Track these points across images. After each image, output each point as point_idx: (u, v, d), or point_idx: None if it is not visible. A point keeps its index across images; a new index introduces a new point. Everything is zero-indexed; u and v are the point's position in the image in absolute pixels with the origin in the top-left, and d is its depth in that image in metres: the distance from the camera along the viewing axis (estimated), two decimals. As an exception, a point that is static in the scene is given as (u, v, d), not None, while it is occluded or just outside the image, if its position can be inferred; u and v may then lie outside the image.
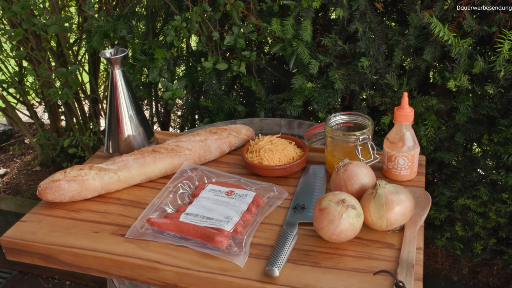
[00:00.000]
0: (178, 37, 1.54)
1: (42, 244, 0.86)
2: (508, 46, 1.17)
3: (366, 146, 0.99)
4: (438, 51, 1.32)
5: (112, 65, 1.10)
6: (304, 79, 1.45)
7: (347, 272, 0.77)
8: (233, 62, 1.54)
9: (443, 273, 1.83)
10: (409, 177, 0.99)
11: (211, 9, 1.55)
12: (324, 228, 0.80)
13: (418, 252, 0.80)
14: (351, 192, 0.87)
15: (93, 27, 1.58)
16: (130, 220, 0.91)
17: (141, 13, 1.80)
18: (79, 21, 2.25)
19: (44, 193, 0.94)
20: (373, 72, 1.40)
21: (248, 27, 1.48)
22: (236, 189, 0.96)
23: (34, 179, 2.47)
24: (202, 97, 1.71)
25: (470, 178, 1.51)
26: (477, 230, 1.55)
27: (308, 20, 1.38)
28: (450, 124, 1.43)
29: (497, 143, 1.38)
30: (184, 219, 0.87)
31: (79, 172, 0.97)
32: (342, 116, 1.04)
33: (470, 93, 1.37)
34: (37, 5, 1.63)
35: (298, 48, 1.41)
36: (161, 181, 1.03)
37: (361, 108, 1.50)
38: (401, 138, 0.97)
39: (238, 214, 0.88)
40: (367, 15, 1.37)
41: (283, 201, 0.95)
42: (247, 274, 0.77)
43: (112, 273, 0.84)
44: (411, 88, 1.41)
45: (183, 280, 0.79)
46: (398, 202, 0.81)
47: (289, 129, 1.47)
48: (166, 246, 0.84)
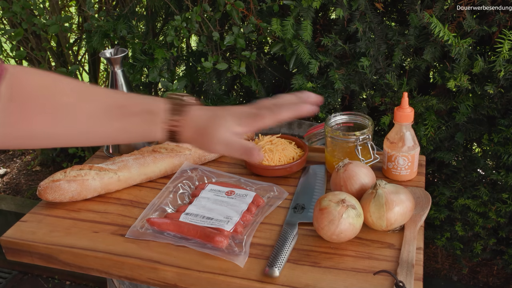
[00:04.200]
0: (178, 37, 1.54)
1: (42, 244, 0.86)
2: (508, 46, 1.17)
3: (366, 146, 0.99)
4: (438, 51, 1.32)
5: (112, 65, 1.10)
6: (304, 79, 1.45)
7: (347, 272, 0.77)
8: (233, 62, 1.54)
9: (443, 273, 1.83)
10: (409, 177, 0.99)
11: (211, 9, 1.55)
12: (324, 228, 0.80)
13: (418, 252, 0.80)
14: (351, 192, 0.87)
15: (93, 27, 1.58)
16: (130, 220, 0.91)
17: (141, 13, 1.80)
18: (79, 21, 2.25)
19: (44, 193, 0.94)
20: (373, 72, 1.40)
21: (248, 27, 1.48)
22: (236, 189, 0.96)
23: (34, 179, 2.47)
24: (202, 97, 1.71)
25: (470, 178, 1.51)
26: (477, 230, 1.55)
27: (308, 20, 1.38)
28: (450, 124, 1.43)
29: (497, 143, 1.38)
30: (184, 219, 0.87)
31: (79, 172, 0.97)
32: (342, 116, 1.04)
33: (470, 93, 1.37)
34: (37, 5, 1.63)
35: (298, 48, 1.41)
36: (161, 181, 1.03)
37: (361, 108, 1.50)
38: (401, 138, 0.97)
39: (238, 214, 0.88)
40: (367, 15, 1.37)
41: (283, 201, 0.95)
42: (247, 274, 0.77)
43: (112, 273, 0.84)
44: (411, 88, 1.41)
45: (183, 280, 0.79)
46: (398, 202, 0.81)
47: (289, 129, 1.47)
48: (166, 246, 0.84)
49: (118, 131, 0.74)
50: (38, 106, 0.70)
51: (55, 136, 0.72)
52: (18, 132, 0.70)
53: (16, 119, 0.69)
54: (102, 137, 0.76)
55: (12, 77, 0.68)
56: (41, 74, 0.72)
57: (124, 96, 0.75)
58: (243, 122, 0.71)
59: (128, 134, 0.75)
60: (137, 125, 0.73)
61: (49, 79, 0.71)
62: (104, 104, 0.72)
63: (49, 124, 0.70)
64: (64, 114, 0.71)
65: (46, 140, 0.73)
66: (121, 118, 0.72)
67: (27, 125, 0.69)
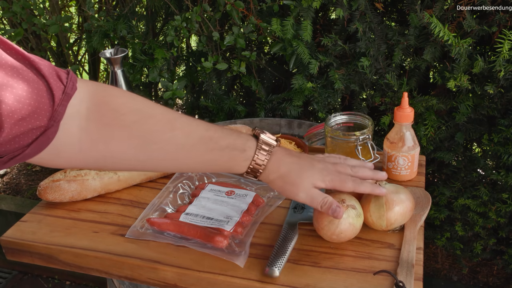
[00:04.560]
0: (178, 37, 1.54)
1: (42, 244, 0.86)
2: (508, 46, 1.17)
3: (366, 146, 0.99)
4: (438, 51, 1.32)
5: (112, 65, 1.10)
6: (304, 79, 1.45)
7: (347, 272, 0.77)
8: (233, 62, 1.54)
9: (443, 273, 1.83)
10: (409, 177, 0.99)
11: (211, 9, 1.55)
12: (324, 228, 0.80)
13: (418, 252, 0.80)
14: (351, 192, 0.87)
15: (93, 27, 1.58)
16: (130, 220, 0.91)
17: (141, 13, 1.80)
18: (79, 21, 2.25)
19: (44, 193, 0.94)
20: (373, 72, 1.40)
21: (248, 27, 1.48)
22: (236, 189, 0.96)
23: (34, 179, 2.47)
24: (202, 97, 1.71)
25: (470, 178, 1.51)
26: (477, 230, 1.55)
27: (308, 20, 1.38)
28: (450, 124, 1.43)
29: (497, 143, 1.38)
30: (184, 219, 0.87)
31: (79, 172, 0.97)
32: (342, 116, 1.04)
33: (470, 93, 1.37)
34: (37, 5, 1.63)
35: (298, 48, 1.41)
36: (161, 181, 1.03)
37: (361, 108, 1.50)
38: (401, 138, 0.97)
39: (238, 214, 0.88)
40: (367, 15, 1.37)
41: (283, 201, 0.95)
42: (247, 274, 0.77)
43: (112, 273, 0.84)
44: (411, 88, 1.41)
45: (183, 280, 0.79)
46: (398, 202, 0.81)
47: (289, 129, 1.47)
48: (166, 246, 0.84)
49: (203, 164, 0.76)
50: (126, 130, 0.69)
51: (136, 161, 0.71)
52: (96, 152, 0.69)
53: (95, 138, 0.67)
54: (185, 168, 0.78)
55: (98, 95, 0.67)
56: (132, 97, 0.71)
57: (212, 129, 0.75)
58: (327, 181, 0.78)
59: (212, 167, 0.77)
60: (223, 160, 0.75)
61: (139, 103, 0.71)
62: (193, 136, 0.73)
63: (134, 149, 0.70)
64: (152, 142, 0.70)
65: (125, 164, 0.72)
66: (209, 152, 0.74)
67: (108, 146, 0.69)
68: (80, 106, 0.65)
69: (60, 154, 0.67)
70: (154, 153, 0.71)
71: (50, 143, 0.63)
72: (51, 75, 0.62)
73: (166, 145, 0.71)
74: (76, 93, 0.64)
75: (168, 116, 0.72)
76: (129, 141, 0.69)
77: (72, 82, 0.64)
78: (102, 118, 0.67)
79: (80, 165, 0.72)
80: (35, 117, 0.60)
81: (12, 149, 0.60)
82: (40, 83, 0.60)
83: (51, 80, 0.61)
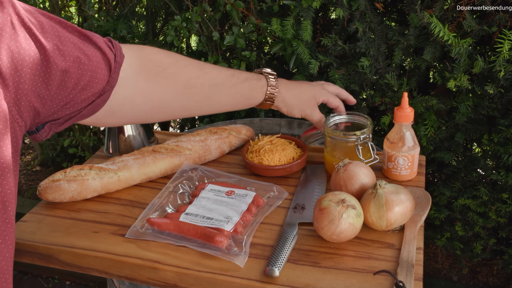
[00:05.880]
0: (178, 37, 1.54)
1: (42, 244, 0.86)
2: (508, 46, 1.17)
3: (366, 146, 0.99)
4: (438, 51, 1.32)
5: (112, 65, 1.10)
6: (304, 79, 1.45)
7: (347, 272, 0.77)
8: (233, 62, 1.54)
9: (443, 273, 1.83)
10: (409, 177, 0.99)
11: (211, 9, 1.55)
12: (324, 228, 0.80)
13: (418, 252, 0.80)
14: (351, 192, 0.87)
15: (93, 27, 1.58)
16: (130, 220, 0.91)
17: (141, 13, 1.80)
18: (79, 21, 2.25)
19: (44, 193, 0.94)
20: (373, 72, 1.40)
21: (248, 27, 1.48)
22: (236, 189, 0.96)
23: (34, 179, 2.47)
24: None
25: (470, 178, 1.51)
26: (477, 230, 1.55)
27: (308, 20, 1.38)
28: (450, 124, 1.43)
29: (497, 143, 1.38)
30: (184, 219, 0.87)
31: (79, 172, 0.97)
32: (341, 116, 1.04)
33: (470, 93, 1.37)
34: (37, 5, 1.63)
35: (298, 48, 1.41)
36: (161, 181, 1.03)
37: (361, 108, 1.50)
38: (401, 138, 0.97)
39: (238, 214, 0.88)
40: (367, 15, 1.37)
41: (283, 201, 0.95)
42: (247, 274, 0.77)
43: (112, 273, 0.84)
44: (411, 88, 1.41)
45: (183, 280, 0.79)
46: (398, 202, 0.81)
47: (289, 129, 1.47)
48: (166, 246, 0.84)
49: (231, 97, 0.90)
50: (170, 80, 0.82)
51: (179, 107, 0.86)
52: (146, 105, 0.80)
53: (146, 93, 0.78)
54: (218, 105, 0.92)
55: (141, 57, 0.79)
56: (166, 53, 0.84)
57: (229, 68, 0.92)
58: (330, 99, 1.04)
59: (238, 99, 0.92)
60: (246, 90, 0.91)
61: (173, 57, 0.85)
62: (221, 76, 0.88)
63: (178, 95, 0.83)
64: (191, 86, 0.84)
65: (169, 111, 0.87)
66: (234, 86, 0.89)
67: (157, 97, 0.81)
68: (129, 70, 0.75)
69: (114, 114, 0.77)
70: (193, 96, 0.85)
71: (104, 105, 0.72)
72: (105, 46, 0.70)
73: (201, 88, 0.85)
74: (125, 59, 0.74)
75: (198, 64, 0.86)
76: (174, 89, 0.82)
77: (118, 50, 0.73)
78: (149, 75, 0.79)
79: (131, 120, 0.87)
80: (93, 86, 0.68)
81: (69, 112, 0.68)
82: (98, 54, 0.69)
83: (106, 50, 0.70)
